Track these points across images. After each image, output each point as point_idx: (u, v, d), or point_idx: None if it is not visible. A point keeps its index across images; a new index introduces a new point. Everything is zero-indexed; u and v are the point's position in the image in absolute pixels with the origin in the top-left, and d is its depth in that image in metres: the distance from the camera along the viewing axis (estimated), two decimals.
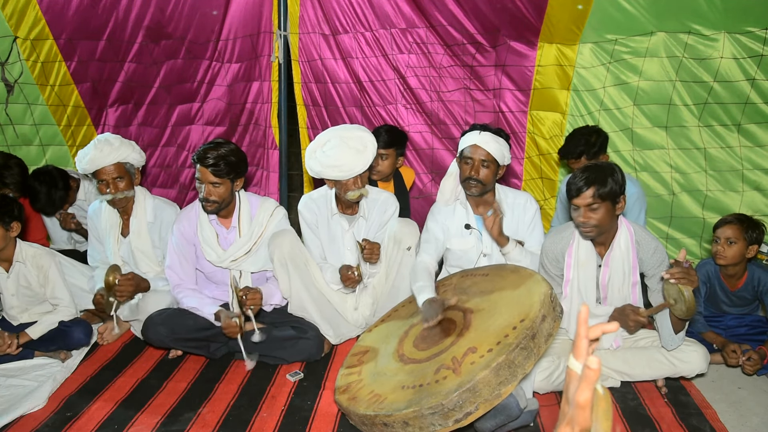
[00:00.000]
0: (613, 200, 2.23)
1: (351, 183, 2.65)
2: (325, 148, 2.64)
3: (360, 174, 2.64)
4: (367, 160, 2.63)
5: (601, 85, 3.32)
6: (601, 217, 2.23)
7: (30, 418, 2.28)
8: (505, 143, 2.60)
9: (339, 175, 2.62)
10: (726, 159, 3.28)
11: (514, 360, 1.84)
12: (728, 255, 2.56)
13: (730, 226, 2.57)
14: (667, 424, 2.21)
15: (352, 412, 2.04)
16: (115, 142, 2.76)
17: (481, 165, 2.57)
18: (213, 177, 2.56)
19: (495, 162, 2.57)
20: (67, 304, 2.81)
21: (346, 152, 2.59)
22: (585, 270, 2.39)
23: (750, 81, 3.06)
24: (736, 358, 2.49)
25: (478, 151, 2.56)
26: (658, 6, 2.97)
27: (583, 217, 2.24)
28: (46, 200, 3.25)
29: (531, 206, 2.74)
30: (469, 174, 2.59)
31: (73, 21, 3.46)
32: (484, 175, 2.57)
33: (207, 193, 2.58)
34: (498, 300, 2.18)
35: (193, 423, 2.25)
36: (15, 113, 3.74)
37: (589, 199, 2.21)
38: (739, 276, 2.65)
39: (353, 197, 2.68)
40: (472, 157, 2.57)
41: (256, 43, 3.62)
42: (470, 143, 2.57)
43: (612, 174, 2.21)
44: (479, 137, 2.55)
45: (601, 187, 2.19)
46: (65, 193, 3.32)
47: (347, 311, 2.84)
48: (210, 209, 2.64)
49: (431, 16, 3.39)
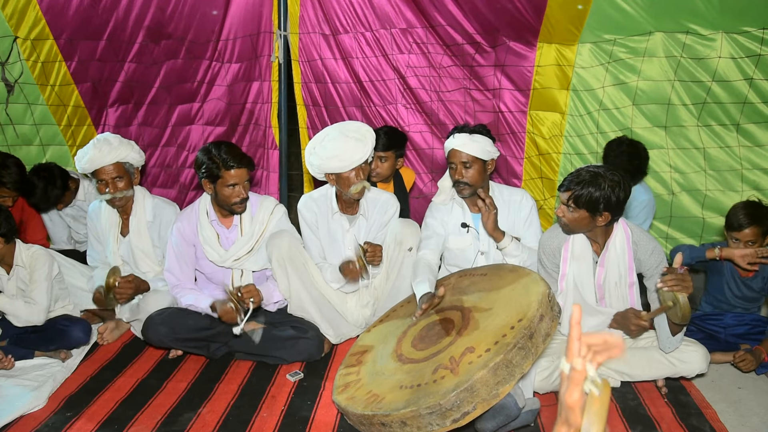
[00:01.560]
0: (591, 210, 2.22)
1: (352, 176, 2.65)
2: (324, 142, 2.67)
3: (360, 165, 2.65)
4: (366, 150, 2.64)
5: (600, 85, 3.33)
6: (574, 219, 2.27)
7: (30, 418, 2.28)
8: (484, 138, 2.60)
9: (339, 166, 2.62)
10: (725, 159, 3.28)
11: (512, 360, 1.84)
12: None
13: (751, 230, 2.55)
14: (667, 424, 2.21)
15: (350, 411, 2.05)
16: (114, 142, 2.76)
17: (464, 167, 2.60)
18: (248, 174, 2.61)
19: (478, 160, 2.59)
20: (40, 309, 2.70)
21: (345, 142, 2.61)
22: (580, 265, 2.39)
23: (748, 81, 3.06)
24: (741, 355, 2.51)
25: (457, 155, 2.60)
26: (656, 6, 2.98)
27: (560, 212, 2.31)
28: (41, 196, 3.22)
29: (527, 203, 2.75)
30: (455, 178, 2.63)
31: (74, 21, 3.46)
32: (470, 176, 2.60)
33: (245, 192, 2.62)
34: (496, 300, 2.18)
35: (193, 423, 2.26)
36: (15, 113, 3.74)
37: (564, 199, 2.27)
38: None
39: (356, 191, 2.67)
40: (453, 161, 2.62)
41: (256, 43, 3.62)
42: (449, 148, 2.63)
43: (599, 187, 2.17)
44: (454, 141, 2.60)
45: (578, 192, 2.20)
46: (62, 192, 3.32)
47: (347, 311, 2.85)
48: (244, 208, 2.68)
49: (431, 17, 3.39)
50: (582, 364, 0.76)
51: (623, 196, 2.21)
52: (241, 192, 2.61)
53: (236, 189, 2.59)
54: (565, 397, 0.77)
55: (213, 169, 2.55)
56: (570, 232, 2.38)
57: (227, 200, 2.62)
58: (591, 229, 2.32)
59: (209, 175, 2.58)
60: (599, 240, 2.37)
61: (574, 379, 0.76)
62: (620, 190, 2.19)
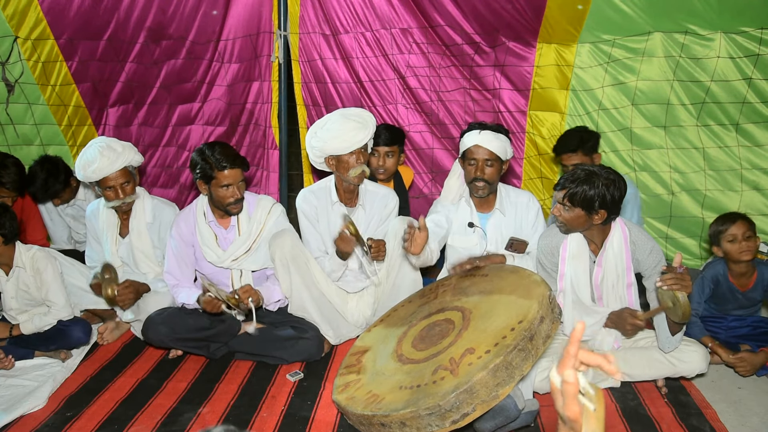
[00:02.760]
0: (587, 208, 2.23)
1: (352, 159, 2.65)
2: (327, 125, 2.68)
3: (360, 149, 2.65)
4: (367, 133, 2.65)
5: (599, 86, 3.33)
6: (570, 218, 2.28)
7: (30, 418, 2.29)
8: (506, 138, 2.60)
9: (340, 147, 2.62)
10: (724, 159, 3.28)
11: (512, 361, 1.84)
12: (752, 248, 2.55)
13: (742, 223, 2.56)
14: (667, 424, 2.21)
15: (350, 411, 2.05)
16: (118, 148, 2.74)
17: (486, 164, 2.57)
18: (242, 175, 2.62)
19: (498, 159, 2.58)
20: (60, 307, 2.77)
21: (346, 124, 2.62)
22: (578, 265, 2.40)
23: (747, 81, 3.06)
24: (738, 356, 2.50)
25: (480, 151, 2.56)
26: (655, 7, 2.98)
27: (556, 211, 2.32)
28: (41, 186, 3.21)
29: (533, 205, 2.75)
30: (474, 175, 2.59)
31: (74, 22, 3.47)
32: (490, 174, 2.58)
33: (239, 192, 2.63)
34: (497, 301, 2.18)
35: (192, 423, 2.26)
36: (16, 113, 3.74)
37: (560, 198, 2.28)
38: (749, 275, 2.63)
39: (355, 174, 2.66)
40: (475, 157, 2.57)
41: (256, 43, 3.62)
42: (472, 143, 2.57)
43: (594, 185, 2.19)
44: (480, 137, 2.55)
45: (573, 190, 2.21)
46: (63, 187, 3.31)
47: (348, 311, 2.85)
48: (239, 209, 2.69)
49: (430, 17, 3.39)
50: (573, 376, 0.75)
51: (618, 195, 2.23)
52: (236, 192, 2.61)
53: (230, 189, 2.60)
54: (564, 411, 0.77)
55: (206, 169, 2.56)
56: (568, 232, 2.38)
57: (222, 201, 2.62)
58: (588, 227, 2.32)
59: (203, 175, 2.59)
60: (596, 240, 2.37)
61: (567, 392, 0.75)
62: (615, 188, 2.21)
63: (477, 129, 2.57)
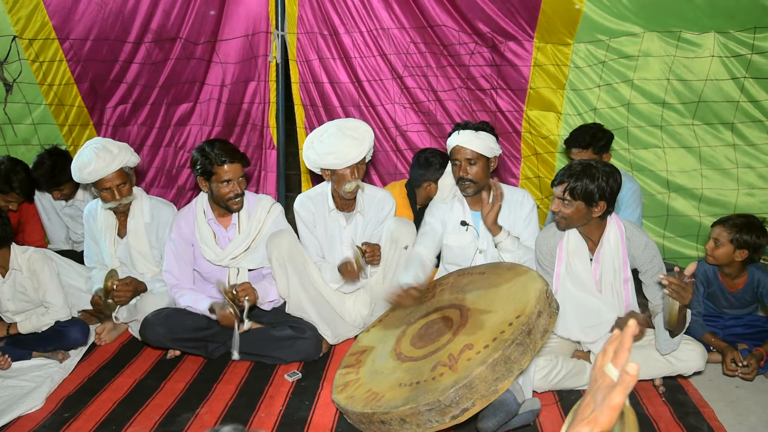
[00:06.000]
0: (587, 201, 2.24)
1: (347, 173, 2.65)
2: (322, 138, 2.67)
3: (356, 164, 2.65)
4: (363, 149, 2.65)
5: (595, 85, 3.34)
6: (571, 212, 2.28)
7: (28, 418, 2.28)
8: (488, 135, 2.60)
9: (335, 163, 2.63)
10: (720, 159, 3.30)
11: (510, 356, 1.85)
12: (714, 255, 2.57)
13: (720, 227, 2.57)
14: (664, 423, 2.21)
15: (350, 410, 2.05)
16: (114, 149, 2.72)
17: (468, 164, 2.60)
18: (242, 170, 2.62)
19: (482, 157, 2.59)
20: (59, 308, 2.75)
21: (342, 140, 2.61)
22: (576, 263, 2.40)
23: (739, 84, 3.10)
24: (734, 370, 2.47)
25: (461, 152, 2.59)
26: (648, 9, 3.02)
27: (555, 207, 2.32)
28: (45, 172, 3.18)
29: (527, 202, 2.76)
30: (459, 174, 2.62)
31: (79, 24, 3.50)
32: (474, 173, 2.60)
33: (239, 188, 2.63)
34: (494, 297, 2.19)
35: (191, 423, 2.25)
36: (16, 113, 3.74)
37: (560, 193, 2.28)
38: (738, 276, 2.63)
39: (349, 189, 2.67)
40: (457, 158, 2.61)
41: (254, 43, 3.62)
42: (453, 144, 2.61)
43: (593, 178, 2.21)
44: (459, 137, 2.59)
45: (573, 183, 2.22)
46: (67, 178, 3.23)
47: (345, 311, 2.85)
48: (240, 205, 2.68)
49: (428, 17, 3.40)
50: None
51: (616, 186, 2.25)
52: (236, 188, 2.61)
53: (230, 185, 2.60)
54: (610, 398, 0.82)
55: (207, 165, 2.56)
56: (566, 227, 2.39)
57: (222, 197, 2.62)
58: (587, 221, 2.32)
59: (204, 171, 2.59)
60: (593, 236, 2.38)
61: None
62: (613, 180, 2.23)
63: (457, 130, 2.61)
